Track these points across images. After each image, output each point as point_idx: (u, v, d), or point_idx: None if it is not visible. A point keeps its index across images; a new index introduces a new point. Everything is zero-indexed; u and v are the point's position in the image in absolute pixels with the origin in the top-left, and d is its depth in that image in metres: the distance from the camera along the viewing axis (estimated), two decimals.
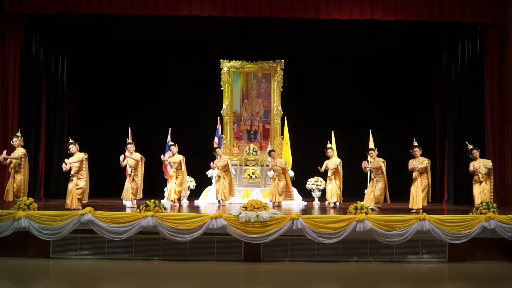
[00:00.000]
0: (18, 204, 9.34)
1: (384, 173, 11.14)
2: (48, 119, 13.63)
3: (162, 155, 12.42)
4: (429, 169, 11.04)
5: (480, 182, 10.79)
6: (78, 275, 8.53)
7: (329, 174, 11.96)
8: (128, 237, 9.16)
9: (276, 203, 12.04)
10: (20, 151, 10.80)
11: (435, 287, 8.24)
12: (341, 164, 11.92)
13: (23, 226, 9.10)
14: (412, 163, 10.93)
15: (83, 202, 10.43)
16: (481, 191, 10.72)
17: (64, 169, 10.35)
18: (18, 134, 11.04)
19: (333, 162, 11.94)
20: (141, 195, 11.49)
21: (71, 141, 10.72)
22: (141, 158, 11.51)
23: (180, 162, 11.96)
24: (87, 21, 12.85)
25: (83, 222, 9.12)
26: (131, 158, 11.48)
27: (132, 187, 11.40)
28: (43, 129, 13.34)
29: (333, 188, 11.81)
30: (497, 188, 12.04)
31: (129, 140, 12.10)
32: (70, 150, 10.54)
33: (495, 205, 9.63)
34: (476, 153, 10.92)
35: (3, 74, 11.98)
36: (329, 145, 12.29)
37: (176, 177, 11.98)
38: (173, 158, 12.11)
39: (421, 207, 10.68)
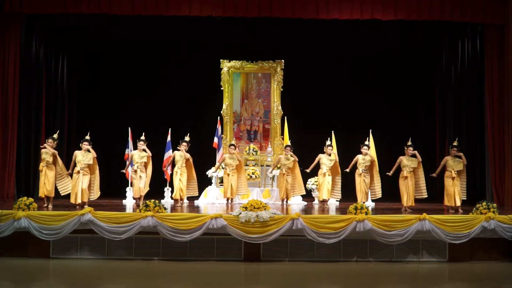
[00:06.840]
0: (18, 204, 9.35)
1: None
2: (48, 119, 13.62)
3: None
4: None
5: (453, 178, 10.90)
6: (78, 275, 8.52)
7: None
8: (128, 237, 9.15)
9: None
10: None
11: (435, 287, 8.23)
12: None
13: (23, 226, 9.10)
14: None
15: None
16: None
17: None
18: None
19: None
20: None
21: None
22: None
23: (188, 159, 11.81)
24: (87, 21, 12.84)
25: (83, 222, 9.12)
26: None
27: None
28: (43, 129, 13.32)
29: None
30: (497, 188, 12.05)
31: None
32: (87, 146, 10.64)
33: (495, 205, 9.63)
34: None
35: (3, 74, 11.94)
36: (328, 142, 12.23)
37: (181, 174, 11.74)
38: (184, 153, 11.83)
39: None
